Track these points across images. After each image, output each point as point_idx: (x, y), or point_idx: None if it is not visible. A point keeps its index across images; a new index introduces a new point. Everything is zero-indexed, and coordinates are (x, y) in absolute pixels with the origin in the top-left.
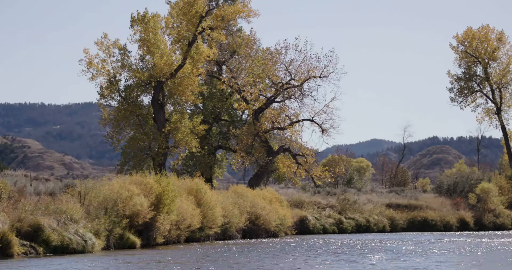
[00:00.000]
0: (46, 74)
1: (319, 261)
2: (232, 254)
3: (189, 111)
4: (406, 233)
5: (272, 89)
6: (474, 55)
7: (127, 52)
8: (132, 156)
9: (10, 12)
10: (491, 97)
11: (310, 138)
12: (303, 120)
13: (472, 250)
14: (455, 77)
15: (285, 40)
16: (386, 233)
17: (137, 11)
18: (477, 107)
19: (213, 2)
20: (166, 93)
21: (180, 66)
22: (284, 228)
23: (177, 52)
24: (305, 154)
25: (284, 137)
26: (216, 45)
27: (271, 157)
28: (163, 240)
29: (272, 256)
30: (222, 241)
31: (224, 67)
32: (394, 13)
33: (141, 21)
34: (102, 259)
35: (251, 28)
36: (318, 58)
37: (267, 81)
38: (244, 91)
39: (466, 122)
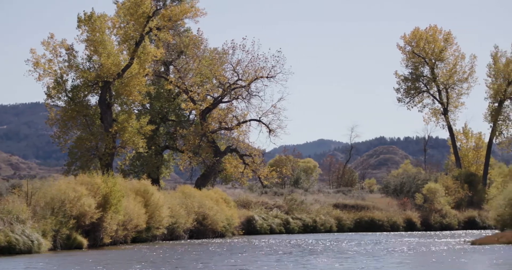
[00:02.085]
0: None
1: (265, 262)
2: (178, 255)
3: (136, 111)
4: (353, 233)
5: (220, 89)
6: (421, 55)
7: (74, 52)
8: (79, 156)
9: None
10: (438, 97)
11: (257, 139)
12: (250, 120)
13: (418, 250)
14: (402, 78)
15: (232, 40)
16: (333, 233)
17: (83, 11)
18: (424, 107)
19: (160, 2)
20: (113, 93)
21: (127, 66)
22: (231, 229)
23: (124, 52)
24: (252, 154)
25: (231, 137)
26: (163, 45)
27: (218, 158)
28: (110, 240)
29: (218, 257)
30: (169, 242)
31: (171, 67)
32: (342, 12)
33: (87, 21)
34: (47, 259)
35: (198, 28)
36: (266, 58)
37: (214, 81)
38: (191, 91)
39: (413, 122)
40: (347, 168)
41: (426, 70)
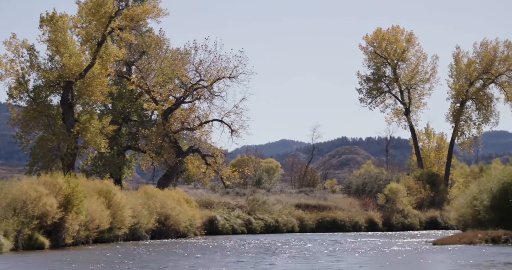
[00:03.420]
0: None
1: (226, 262)
2: (137, 255)
3: (99, 112)
4: (315, 233)
5: (182, 89)
6: (383, 56)
7: (35, 52)
8: (41, 156)
9: None
10: (400, 98)
11: (219, 139)
12: (212, 120)
13: (380, 250)
14: (364, 78)
15: (194, 40)
16: (295, 234)
17: (45, 11)
18: (386, 108)
19: (123, 3)
20: (75, 93)
21: (89, 66)
22: (193, 229)
23: (86, 52)
24: (214, 154)
25: (194, 138)
26: (125, 45)
27: (180, 158)
28: (72, 240)
29: (178, 257)
30: (131, 242)
31: (133, 67)
32: (305, 13)
33: (49, 21)
34: (5, 260)
35: (160, 29)
36: (228, 58)
37: (177, 81)
38: (153, 91)
39: (375, 123)
40: (309, 169)
41: (388, 71)
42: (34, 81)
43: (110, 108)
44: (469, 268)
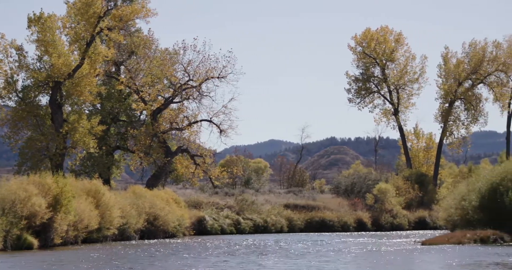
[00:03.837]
0: None
1: (214, 262)
2: (125, 255)
3: (87, 112)
4: (304, 233)
5: (171, 89)
6: (372, 56)
7: (24, 52)
8: (29, 156)
9: None
10: (388, 98)
11: (208, 139)
12: (201, 120)
13: (369, 250)
14: (353, 78)
15: (183, 40)
16: (284, 234)
17: (33, 11)
18: (374, 108)
19: (112, 3)
20: (64, 93)
21: (78, 67)
22: (182, 229)
23: (75, 53)
24: (203, 154)
25: (182, 138)
26: (114, 45)
27: (169, 158)
28: (61, 241)
29: (166, 257)
30: (119, 242)
31: (122, 67)
32: (294, 12)
33: (37, 21)
34: None
35: (149, 29)
36: (217, 58)
37: (165, 81)
38: (142, 91)
39: (364, 123)
40: (298, 169)
41: (377, 71)
42: (22, 81)
43: (99, 108)
44: (458, 268)
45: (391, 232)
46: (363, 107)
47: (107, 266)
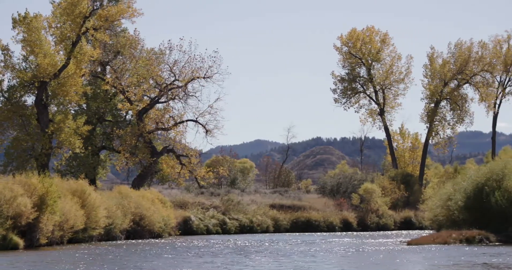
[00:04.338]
0: None
1: (200, 262)
2: (113, 255)
3: (73, 112)
4: (290, 233)
5: (156, 89)
6: (358, 56)
7: (10, 52)
8: (15, 156)
9: None
10: (374, 98)
11: (194, 139)
12: (187, 120)
13: (355, 250)
14: (339, 78)
15: (169, 40)
16: (270, 234)
17: (17, 12)
18: (360, 108)
19: (97, 3)
20: (50, 93)
21: (64, 67)
22: (168, 229)
23: (61, 52)
24: (189, 154)
25: (168, 138)
26: (100, 45)
27: (155, 158)
28: (47, 241)
29: (152, 257)
30: (105, 242)
31: (108, 67)
32: (279, 12)
33: (22, 21)
34: None
35: (135, 29)
36: (202, 58)
37: (151, 81)
38: (128, 91)
39: (350, 123)
40: (284, 169)
41: (362, 71)
42: (8, 81)
43: (85, 108)
44: (444, 269)
45: (377, 232)
46: (349, 107)
47: (91, 266)
